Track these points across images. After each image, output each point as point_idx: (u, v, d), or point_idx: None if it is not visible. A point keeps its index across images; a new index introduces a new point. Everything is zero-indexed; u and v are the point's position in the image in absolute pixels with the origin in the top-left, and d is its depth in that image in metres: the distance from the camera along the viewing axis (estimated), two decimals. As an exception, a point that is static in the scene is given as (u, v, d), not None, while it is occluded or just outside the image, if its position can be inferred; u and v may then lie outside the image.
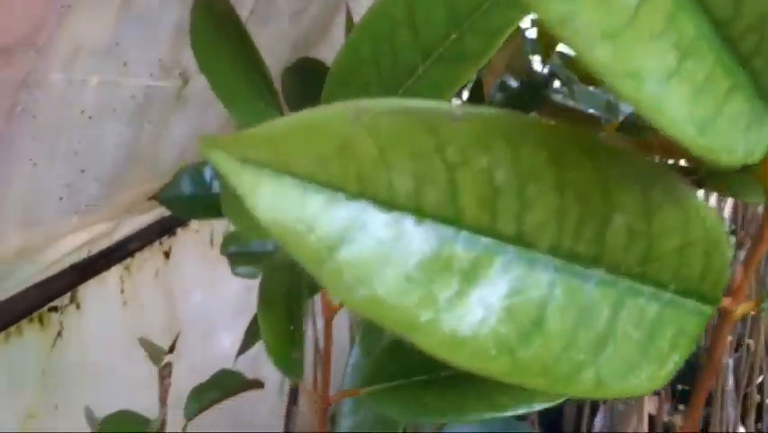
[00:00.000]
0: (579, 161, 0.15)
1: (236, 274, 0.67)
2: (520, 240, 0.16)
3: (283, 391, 1.20)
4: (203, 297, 0.87)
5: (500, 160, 0.14)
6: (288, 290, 0.41)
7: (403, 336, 0.15)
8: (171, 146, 0.62)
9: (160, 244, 0.78)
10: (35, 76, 0.40)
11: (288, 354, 0.38)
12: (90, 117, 0.48)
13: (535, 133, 0.14)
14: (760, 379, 0.82)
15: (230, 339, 0.88)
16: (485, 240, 0.16)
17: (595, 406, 1.09)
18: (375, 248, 0.15)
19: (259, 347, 0.61)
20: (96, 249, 0.67)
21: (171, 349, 0.51)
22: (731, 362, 0.70)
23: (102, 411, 0.53)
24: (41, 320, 0.64)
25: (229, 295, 0.92)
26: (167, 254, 0.80)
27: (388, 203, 0.15)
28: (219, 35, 0.30)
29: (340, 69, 0.23)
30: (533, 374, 0.16)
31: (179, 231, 0.81)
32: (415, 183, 0.15)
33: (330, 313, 0.33)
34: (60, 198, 0.53)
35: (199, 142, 0.15)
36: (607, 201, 0.16)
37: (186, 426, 0.51)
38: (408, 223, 0.15)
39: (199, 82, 0.57)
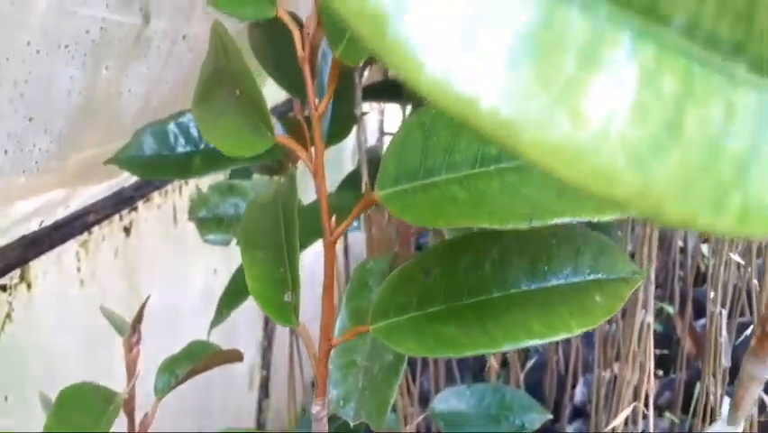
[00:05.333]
0: None
1: (206, 242, 0.61)
2: (651, 9, 0.12)
3: (253, 385, 1.14)
4: (166, 276, 0.80)
5: None
6: (273, 229, 0.36)
7: (500, 141, 0.11)
8: (131, 100, 0.56)
9: (120, 219, 0.72)
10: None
11: (277, 300, 0.33)
12: (38, 52, 0.42)
13: None
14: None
15: (195, 320, 0.82)
16: (605, 7, 0.11)
17: (575, 377, 1.07)
18: (458, 10, 0.11)
19: (229, 335, 0.56)
20: (49, 220, 0.61)
21: (139, 317, 0.45)
22: (724, 312, 0.67)
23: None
24: (-13, 300, 0.57)
25: (194, 275, 0.86)
26: (127, 231, 0.73)
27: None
28: None
29: None
30: (669, 198, 0.12)
31: (141, 206, 0.75)
32: None
33: (332, 239, 0.29)
34: (5, 152, 0.47)
35: None
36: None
37: (156, 405, 0.45)
38: (507, -26, 0.11)
39: (162, 23, 0.52)
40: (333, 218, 0.29)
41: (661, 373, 1.09)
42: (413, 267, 0.29)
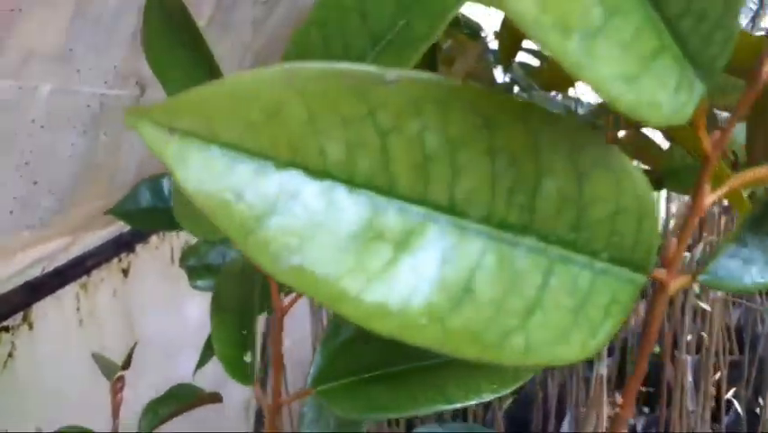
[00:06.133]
0: (511, 124, 0.15)
1: (195, 288, 0.66)
2: (453, 208, 0.16)
3: (249, 413, 1.18)
4: (163, 315, 0.85)
5: (432, 125, 0.15)
6: (240, 295, 0.41)
7: (331, 307, 0.15)
8: (129, 159, 0.61)
9: (119, 261, 0.77)
10: (-17, 82, 0.39)
11: (238, 360, 0.37)
12: (42, 126, 0.47)
13: (467, 97, 0.15)
14: (717, 375, 0.83)
15: (191, 358, 0.87)
16: (417, 209, 0.16)
17: (561, 411, 1.10)
18: (305, 218, 0.15)
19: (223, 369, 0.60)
20: (51, 266, 0.66)
21: (127, 363, 0.50)
22: (690, 359, 0.71)
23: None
24: (-9, 340, 0.62)
25: (190, 313, 0.91)
26: (125, 272, 0.78)
27: (319, 171, 0.15)
28: (173, 38, 0.30)
29: (288, 55, 0.23)
30: (463, 342, 0.16)
31: (139, 248, 0.80)
32: (347, 151, 0.15)
33: (280, 312, 0.33)
34: (11, 212, 0.52)
35: (125, 114, 0.15)
36: (538, 166, 0.16)
37: (143, 441, 0.50)
38: (340, 192, 0.15)
39: (157, 92, 0.57)
40: (283, 295, 0.33)
41: (647, 409, 1.12)
42: (354, 336, 0.33)
